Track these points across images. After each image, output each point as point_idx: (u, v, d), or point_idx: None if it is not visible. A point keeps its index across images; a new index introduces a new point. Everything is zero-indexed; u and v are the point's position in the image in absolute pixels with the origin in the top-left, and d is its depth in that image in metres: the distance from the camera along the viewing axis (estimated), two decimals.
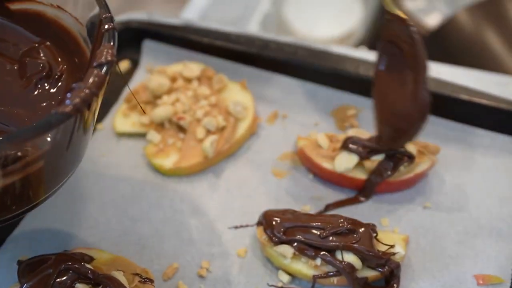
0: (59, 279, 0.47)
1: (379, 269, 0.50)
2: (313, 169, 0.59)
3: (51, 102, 0.48)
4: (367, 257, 0.50)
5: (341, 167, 0.56)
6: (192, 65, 0.64)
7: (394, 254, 0.51)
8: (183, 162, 0.59)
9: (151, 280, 0.50)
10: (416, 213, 0.56)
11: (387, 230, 0.55)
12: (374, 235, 0.51)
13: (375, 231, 0.51)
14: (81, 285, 0.47)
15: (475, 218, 0.56)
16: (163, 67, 0.65)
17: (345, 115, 0.63)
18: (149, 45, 0.69)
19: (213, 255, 0.54)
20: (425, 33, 0.96)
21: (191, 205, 0.58)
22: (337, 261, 0.49)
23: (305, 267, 0.51)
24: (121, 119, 0.63)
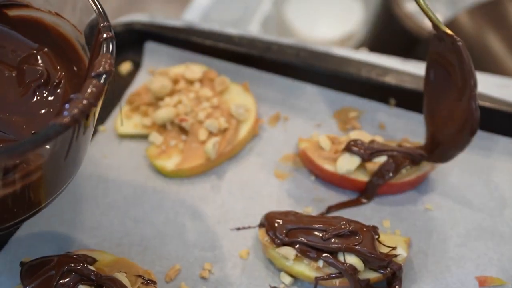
0: (62, 281, 0.47)
1: (381, 271, 0.50)
2: (315, 171, 0.59)
3: (49, 110, 0.48)
4: (369, 259, 0.50)
5: (343, 169, 0.56)
6: (194, 67, 0.64)
7: (396, 256, 0.51)
8: (185, 163, 0.59)
9: (154, 282, 0.50)
10: (418, 215, 0.56)
11: (389, 232, 0.55)
12: (376, 237, 0.51)
13: (377, 233, 0.51)
14: (84, 287, 0.47)
15: (477, 220, 0.56)
16: (165, 69, 0.65)
17: (347, 117, 0.63)
18: (151, 47, 0.69)
19: (215, 257, 0.54)
20: (426, 35, 0.96)
21: (193, 206, 0.58)
22: (339, 263, 0.49)
23: (307, 269, 0.51)
24: (123, 120, 0.63)
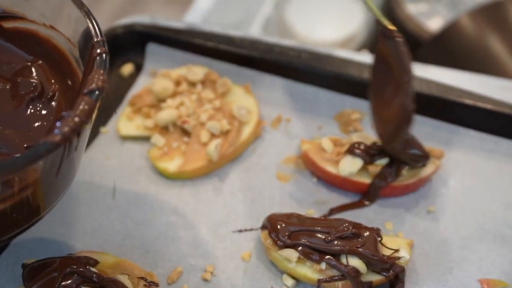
0: (64, 283, 0.47)
1: (384, 273, 0.50)
2: (317, 172, 0.59)
3: (43, 123, 0.48)
4: (372, 261, 0.50)
5: (345, 171, 0.56)
6: (196, 69, 0.64)
7: (398, 258, 0.51)
8: (187, 165, 0.59)
9: (156, 284, 0.50)
10: (420, 217, 0.56)
11: (391, 234, 0.55)
12: (379, 239, 0.51)
13: (379, 235, 0.51)
14: None
15: (479, 222, 0.56)
16: (167, 71, 0.65)
17: (349, 119, 0.63)
18: (153, 49, 0.69)
19: (218, 259, 0.54)
20: (428, 37, 0.96)
21: (195, 208, 0.58)
22: (342, 265, 0.49)
23: (309, 271, 0.51)
24: (125, 122, 0.63)
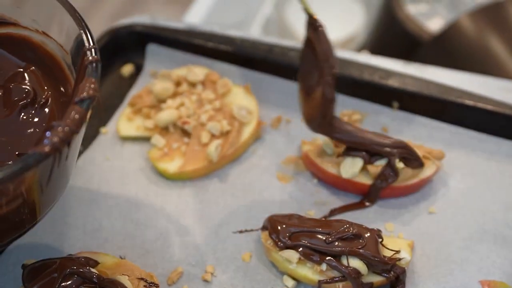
0: (64, 283, 0.47)
1: (385, 274, 0.50)
2: (317, 173, 0.59)
3: (35, 130, 0.47)
4: (373, 262, 0.49)
5: (348, 172, 0.56)
6: (196, 69, 0.64)
7: (399, 259, 0.51)
8: (187, 166, 0.59)
9: (156, 284, 0.50)
10: (421, 218, 0.56)
11: (392, 235, 0.55)
12: (380, 240, 0.51)
13: (380, 237, 0.51)
14: None
15: (480, 223, 0.56)
16: (167, 71, 0.65)
17: (350, 119, 0.63)
18: (153, 49, 0.69)
19: (218, 260, 0.54)
20: (428, 37, 0.96)
21: (195, 209, 0.57)
22: (343, 266, 0.49)
23: (310, 272, 0.51)
24: (125, 123, 0.63)
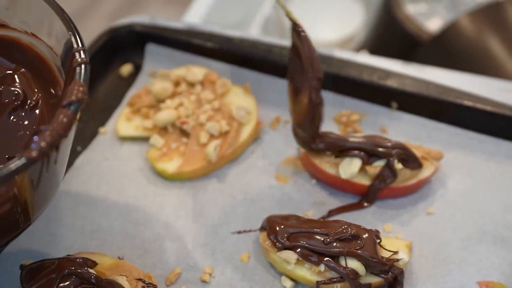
0: (62, 284, 0.47)
1: (383, 275, 0.50)
2: (316, 174, 0.59)
3: (25, 132, 0.47)
4: (371, 263, 0.49)
5: (347, 173, 0.56)
6: (195, 69, 0.64)
7: (397, 260, 0.51)
8: (186, 166, 0.59)
9: (155, 285, 0.49)
10: (419, 219, 0.56)
11: (390, 236, 0.55)
12: (378, 241, 0.51)
13: (378, 237, 0.51)
14: None
15: (478, 224, 0.55)
16: (166, 71, 0.65)
17: (349, 120, 0.63)
18: (152, 49, 0.69)
19: (216, 260, 0.54)
20: (427, 37, 0.96)
21: (193, 209, 0.57)
22: (341, 267, 0.49)
23: (308, 273, 0.51)
24: (124, 123, 0.63)
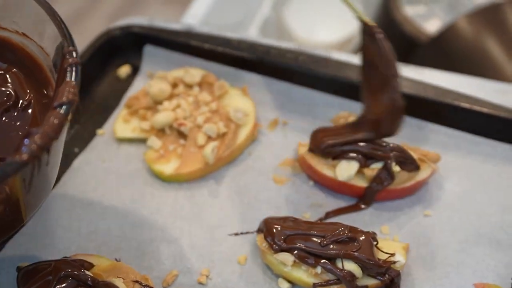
0: (58, 286, 0.47)
1: (379, 277, 0.50)
2: (313, 176, 0.59)
3: (17, 133, 0.46)
4: (368, 265, 0.49)
5: (344, 175, 0.56)
6: (193, 71, 0.64)
7: (394, 262, 0.51)
8: (183, 168, 0.59)
9: (151, 287, 0.50)
10: (416, 221, 0.56)
11: (387, 238, 0.55)
12: (375, 243, 0.51)
13: (375, 239, 0.51)
14: None
15: (475, 226, 0.55)
16: (164, 73, 0.65)
17: (346, 121, 0.63)
18: (150, 50, 0.69)
19: (213, 262, 0.54)
20: (425, 39, 0.96)
21: (191, 211, 0.57)
22: (338, 270, 0.49)
23: (305, 275, 0.51)
24: (121, 124, 0.63)
